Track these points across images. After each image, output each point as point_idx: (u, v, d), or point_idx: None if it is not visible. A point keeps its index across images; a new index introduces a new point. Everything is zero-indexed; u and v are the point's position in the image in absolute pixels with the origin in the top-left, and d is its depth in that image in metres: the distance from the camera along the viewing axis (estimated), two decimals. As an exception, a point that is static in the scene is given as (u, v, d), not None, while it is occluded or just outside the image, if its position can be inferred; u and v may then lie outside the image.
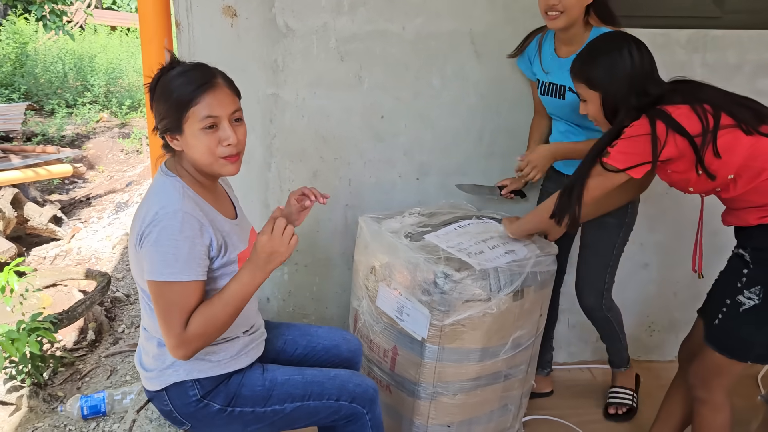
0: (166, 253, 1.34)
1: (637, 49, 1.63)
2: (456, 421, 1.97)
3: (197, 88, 1.38)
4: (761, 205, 1.56)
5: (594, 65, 1.64)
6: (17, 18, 9.37)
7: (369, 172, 2.41)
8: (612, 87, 1.62)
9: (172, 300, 1.35)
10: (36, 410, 2.36)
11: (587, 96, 1.68)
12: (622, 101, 1.62)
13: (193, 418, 1.53)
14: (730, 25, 2.34)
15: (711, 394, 1.76)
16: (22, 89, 7.56)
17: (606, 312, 2.19)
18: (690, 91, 1.60)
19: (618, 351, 2.34)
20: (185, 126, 1.38)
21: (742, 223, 1.64)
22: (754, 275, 1.62)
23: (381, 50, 2.25)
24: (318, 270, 2.55)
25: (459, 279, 1.75)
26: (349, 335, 1.84)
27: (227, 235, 1.47)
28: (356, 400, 1.59)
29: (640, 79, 1.61)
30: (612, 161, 1.59)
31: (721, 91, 1.61)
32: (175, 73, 1.40)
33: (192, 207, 1.40)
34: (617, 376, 2.42)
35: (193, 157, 1.42)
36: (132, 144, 6.49)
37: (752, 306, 1.61)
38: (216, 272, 1.45)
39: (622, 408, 2.36)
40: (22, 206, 4.07)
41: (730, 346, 1.67)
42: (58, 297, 3.27)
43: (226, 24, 2.18)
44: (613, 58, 1.62)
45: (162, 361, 1.50)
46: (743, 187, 1.55)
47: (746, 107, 1.56)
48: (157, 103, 1.42)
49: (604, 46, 1.67)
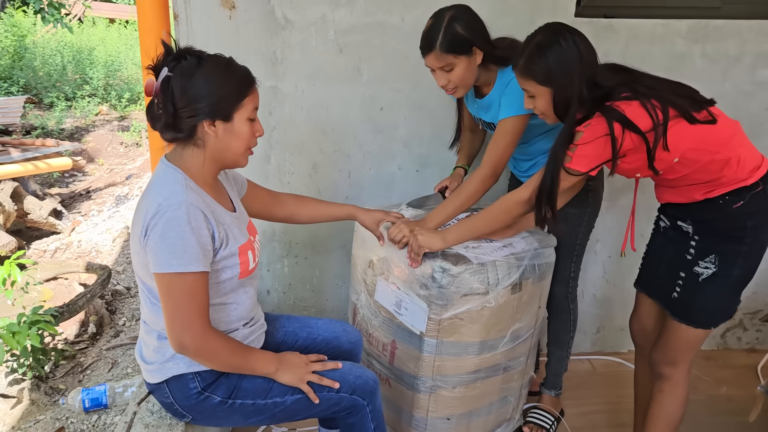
0: (174, 244, 1.34)
1: (579, 38, 1.58)
2: (456, 413, 1.97)
3: (251, 80, 1.44)
4: (706, 182, 1.61)
5: (541, 60, 1.57)
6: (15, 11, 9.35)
7: (368, 164, 2.41)
8: (563, 80, 1.56)
9: (185, 292, 1.36)
10: (37, 403, 2.37)
11: (536, 92, 1.61)
12: (574, 94, 1.56)
13: (194, 411, 1.54)
14: (730, 15, 2.33)
15: (676, 370, 1.80)
16: (20, 82, 7.55)
17: (570, 303, 2.19)
18: (633, 82, 1.58)
19: (558, 363, 2.28)
20: (236, 114, 1.41)
21: (686, 200, 1.68)
22: (704, 246, 1.67)
23: (380, 42, 2.24)
24: (318, 263, 2.55)
25: (457, 273, 1.75)
26: (349, 327, 1.85)
27: (228, 227, 1.48)
28: (356, 392, 1.59)
29: (588, 69, 1.57)
30: (575, 166, 1.59)
31: (658, 80, 1.62)
32: (218, 62, 1.41)
33: (195, 198, 1.40)
34: (545, 398, 2.33)
35: (229, 145, 1.43)
36: (131, 137, 6.48)
37: (711, 274, 1.67)
38: (218, 264, 1.45)
39: (540, 431, 2.24)
40: (22, 200, 4.07)
41: (697, 316, 1.73)
42: (58, 290, 3.28)
43: (225, 16, 2.17)
44: (560, 51, 1.56)
45: (162, 354, 1.50)
46: (688, 168, 1.60)
47: (684, 96, 1.59)
48: (197, 87, 1.37)
49: (546, 39, 1.59)
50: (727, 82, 2.40)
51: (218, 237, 1.43)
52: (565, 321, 2.21)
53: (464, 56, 1.77)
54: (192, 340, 1.39)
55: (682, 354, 1.79)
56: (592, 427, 2.32)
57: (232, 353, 1.47)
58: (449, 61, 1.77)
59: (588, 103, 1.57)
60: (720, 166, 1.58)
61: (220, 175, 1.61)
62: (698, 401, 2.43)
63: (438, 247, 1.78)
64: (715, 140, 1.57)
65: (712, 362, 2.74)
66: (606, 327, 2.78)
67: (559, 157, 1.60)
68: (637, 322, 1.99)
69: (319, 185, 2.42)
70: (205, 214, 1.40)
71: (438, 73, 1.82)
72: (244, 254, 1.51)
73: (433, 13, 1.80)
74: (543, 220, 1.67)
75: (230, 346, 1.47)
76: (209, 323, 1.42)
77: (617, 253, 2.58)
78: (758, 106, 2.45)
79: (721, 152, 1.57)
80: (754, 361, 2.74)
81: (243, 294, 1.57)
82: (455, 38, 1.74)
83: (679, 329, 1.76)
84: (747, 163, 1.60)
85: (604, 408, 2.43)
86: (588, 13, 2.25)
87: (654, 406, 1.87)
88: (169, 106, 1.37)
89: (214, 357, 1.45)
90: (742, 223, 1.61)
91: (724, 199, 1.61)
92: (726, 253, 1.65)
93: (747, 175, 1.59)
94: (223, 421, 1.58)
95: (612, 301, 2.72)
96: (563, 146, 1.60)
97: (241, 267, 1.50)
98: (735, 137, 1.61)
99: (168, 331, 1.40)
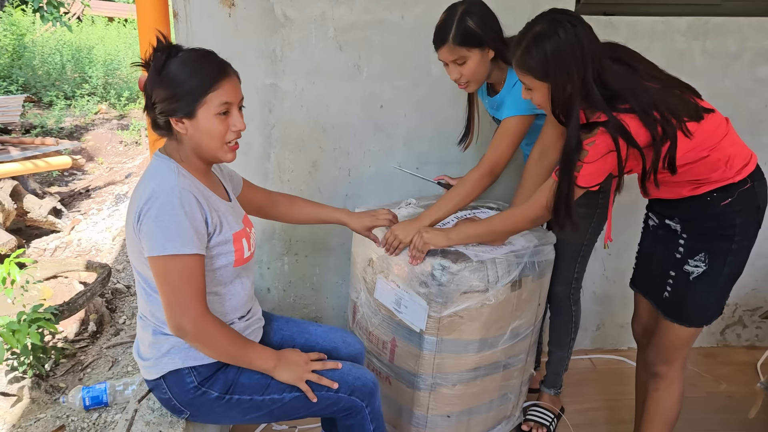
0: (167, 227, 1.34)
1: (581, 29, 1.47)
2: (456, 411, 1.97)
3: (218, 74, 1.41)
4: (695, 179, 1.60)
5: (539, 54, 1.47)
6: (14, 9, 9.33)
7: (368, 161, 2.41)
8: (561, 76, 1.47)
9: (182, 274, 1.36)
10: (38, 401, 2.37)
11: (533, 86, 1.53)
12: (575, 92, 1.48)
13: (192, 406, 1.54)
14: (730, 12, 2.33)
15: (670, 368, 1.80)
16: (20, 81, 7.54)
17: (572, 304, 2.17)
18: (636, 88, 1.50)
19: (559, 362, 2.27)
20: (200, 110, 1.40)
21: (673, 196, 1.66)
22: (693, 244, 1.66)
23: (380, 39, 2.24)
24: (318, 260, 2.55)
25: (456, 271, 1.75)
26: (350, 337, 1.81)
27: (222, 214, 1.49)
28: (355, 393, 1.59)
29: (591, 64, 1.46)
30: (582, 183, 1.55)
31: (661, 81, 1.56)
32: (187, 57, 1.41)
33: (188, 183, 1.41)
34: (544, 396, 2.32)
35: (200, 142, 1.43)
36: (131, 135, 6.48)
37: (702, 272, 1.66)
38: (213, 250, 1.46)
39: (540, 429, 2.23)
40: (22, 198, 4.07)
41: (688, 315, 1.72)
42: (58, 288, 3.28)
43: (224, 14, 2.17)
44: (559, 44, 1.45)
45: (158, 350, 1.51)
46: (679, 169, 1.58)
47: (682, 101, 1.54)
48: (164, 84, 1.38)
49: (544, 30, 1.48)
50: (727, 78, 2.40)
51: (212, 222, 1.44)
52: (566, 322, 2.20)
53: (477, 49, 1.77)
54: (191, 323, 1.39)
55: (676, 352, 1.79)
56: (592, 424, 2.32)
57: (231, 342, 1.47)
58: (462, 54, 1.77)
59: (596, 103, 1.48)
60: (710, 166, 1.57)
61: (215, 169, 1.62)
62: (698, 398, 2.43)
63: (442, 244, 1.78)
64: (707, 144, 1.55)
65: (712, 359, 2.74)
66: (606, 324, 2.78)
67: (572, 166, 1.53)
68: (638, 323, 1.98)
69: (318, 183, 2.42)
70: (198, 199, 1.41)
71: (451, 67, 1.82)
72: (238, 241, 1.51)
73: (447, 6, 1.80)
74: (562, 228, 1.63)
75: (229, 335, 1.47)
76: (207, 308, 1.42)
77: (617, 250, 2.58)
78: (758, 103, 2.45)
79: (711, 154, 1.56)
80: (754, 358, 2.74)
81: (238, 285, 1.57)
82: (467, 32, 1.74)
83: (672, 328, 1.75)
84: (736, 162, 1.58)
85: (604, 405, 2.43)
86: (588, 10, 2.24)
87: (650, 404, 1.88)
88: (149, 102, 1.41)
89: (213, 343, 1.45)
90: (731, 220, 1.60)
91: (711, 196, 1.60)
92: (716, 251, 1.63)
93: (735, 172, 1.58)
94: (221, 417, 1.58)
95: (612, 298, 2.72)
96: (575, 152, 1.51)
97: (235, 254, 1.51)
98: (726, 137, 1.59)
99: (167, 315, 1.40)
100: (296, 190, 2.40)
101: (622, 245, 2.44)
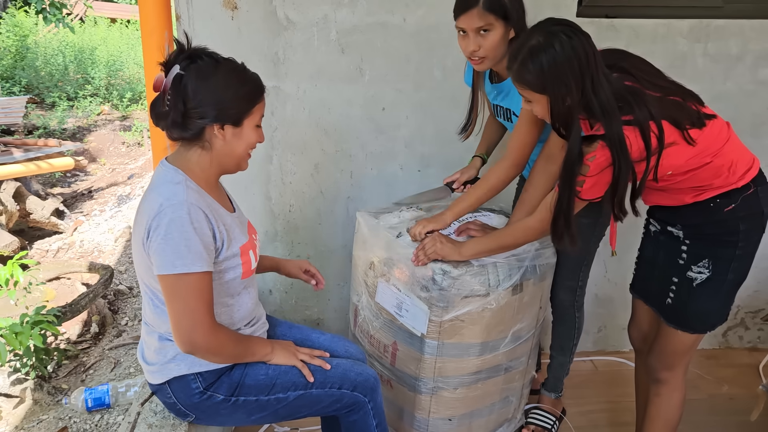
0: (177, 245, 1.34)
1: (578, 40, 1.43)
2: (457, 414, 1.98)
3: (262, 87, 1.46)
4: (697, 186, 1.59)
5: (535, 67, 1.44)
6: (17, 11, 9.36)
7: (370, 164, 2.41)
8: (560, 90, 1.44)
9: (192, 291, 1.36)
10: (40, 403, 2.38)
11: (532, 98, 1.51)
12: (574, 104, 1.45)
13: (197, 410, 1.54)
14: (732, 14, 2.32)
15: (673, 374, 1.80)
16: (22, 82, 7.56)
17: (576, 311, 2.15)
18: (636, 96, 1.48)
19: (560, 367, 2.26)
20: (246, 120, 1.42)
21: (676, 203, 1.65)
22: (696, 251, 1.65)
23: (382, 42, 2.24)
24: (320, 263, 2.55)
25: (457, 275, 1.75)
26: (352, 346, 1.80)
27: (229, 227, 1.48)
28: (358, 389, 1.60)
29: (591, 75, 1.43)
30: (585, 196, 1.54)
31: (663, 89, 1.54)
32: (234, 66, 1.43)
33: (197, 198, 1.40)
34: (545, 399, 2.32)
35: (234, 150, 1.45)
36: (133, 137, 6.48)
37: (705, 279, 1.64)
38: (221, 265, 1.46)
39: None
40: (25, 199, 4.08)
41: (691, 321, 1.71)
42: (61, 290, 3.28)
43: (227, 16, 2.17)
44: (555, 56, 1.42)
45: (164, 355, 1.51)
46: (680, 177, 1.57)
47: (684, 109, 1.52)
48: (212, 89, 1.37)
49: (540, 43, 1.44)
50: (729, 81, 2.40)
51: (219, 237, 1.43)
52: (569, 328, 2.19)
53: (503, 22, 1.71)
54: (203, 338, 1.39)
55: (679, 358, 1.78)
56: (593, 426, 2.32)
57: (236, 343, 1.51)
58: (489, 21, 1.69)
59: (596, 114, 1.46)
60: (713, 172, 1.55)
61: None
62: (699, 400, 2.43)
63: (453, 258, 1.76)
64: (711, 150, 1.54)
65: (714, 361, 2.74)
66: (608, 326, 2.78)
67: (573, 179, 1.50)
68: (635, 328, 1.97)
69: (321, 185, 2.43)
70: (206, 213, 1.40)
71: (471, 36, 1.73)
72: (245, 254, 1.51)
73: None
74: (560, 240, 1.61)
75: (233, 337, 1.51)
76: (215, 320, 1.43)
77: (619, 252, 2.56)
78: (760, 106, 2.45)
79: (715, 160, 1.54)
80: (756, 360, 2.73)
81: (246, 295, 1.57)
82: (499, 0, 1.68)
83: (674, 335, 1.74)
84: (739, 167, 1.57)
85: (605, 407, 2.43)
86: (590, 13, 2.24)
87: (652, 409, 1.87)
88: (180, 105, 1.36)
89: (222, 351, 1.47)
90: (735, 227, 1.59)
91: (714, 202, 1.58)
92: (720, 257, 1.62)
93: (738, 177, 1.57)
94: (226, 419, 1.59)
95: (614, 300, 2.72)
96: (576, 165, 1.49)
97: (243, 267, 1.51)
98: (728, 142, 1.57)
99: (175, 331, 1.39)
100: (299, 192, 2.41)
101: (624, 247, 2.43)
